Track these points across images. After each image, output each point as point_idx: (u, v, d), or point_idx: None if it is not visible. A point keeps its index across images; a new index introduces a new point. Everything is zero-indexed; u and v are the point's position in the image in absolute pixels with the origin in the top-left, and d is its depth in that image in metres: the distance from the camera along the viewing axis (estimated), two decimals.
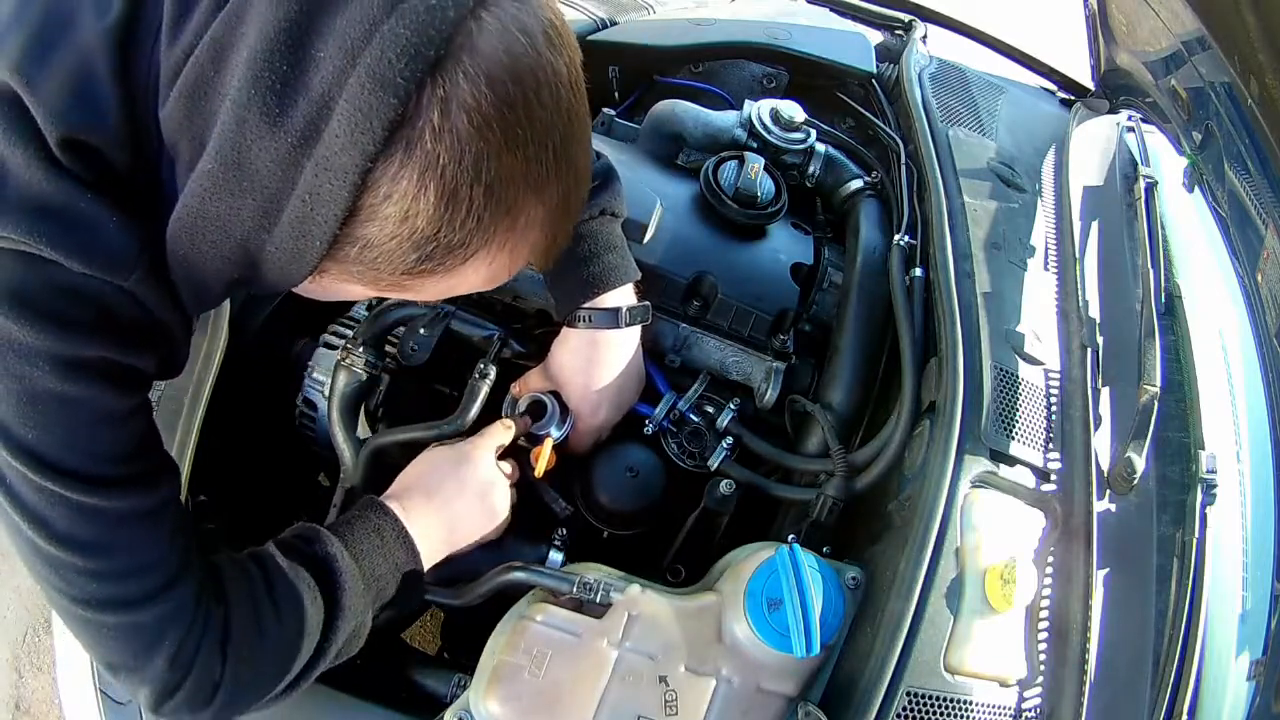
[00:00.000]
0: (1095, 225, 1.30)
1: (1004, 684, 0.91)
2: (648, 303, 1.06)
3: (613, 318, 1.01)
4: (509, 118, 0.56)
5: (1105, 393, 1.08)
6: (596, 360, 1.04)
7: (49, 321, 0.62)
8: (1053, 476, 1.00)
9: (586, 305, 1.02)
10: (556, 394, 1.07)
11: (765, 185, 1.24)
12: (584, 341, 1.03)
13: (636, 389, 1.10)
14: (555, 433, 1.06)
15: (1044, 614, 0.93)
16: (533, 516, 1.08)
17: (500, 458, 1.03)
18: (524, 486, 1.07)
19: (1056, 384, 1.07)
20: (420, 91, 0.53)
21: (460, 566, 1.01)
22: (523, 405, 1.08)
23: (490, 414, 1.07)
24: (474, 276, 0.64)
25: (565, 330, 1.05)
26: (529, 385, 1.09)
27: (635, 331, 1.06)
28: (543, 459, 1.02)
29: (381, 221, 0.57)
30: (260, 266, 0.62)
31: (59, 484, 0.66)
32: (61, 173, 0.60)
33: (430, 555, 0.95)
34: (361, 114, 0.52)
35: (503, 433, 1.03)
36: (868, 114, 1.49)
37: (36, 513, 0.67)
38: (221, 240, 0.60)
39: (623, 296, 1.03)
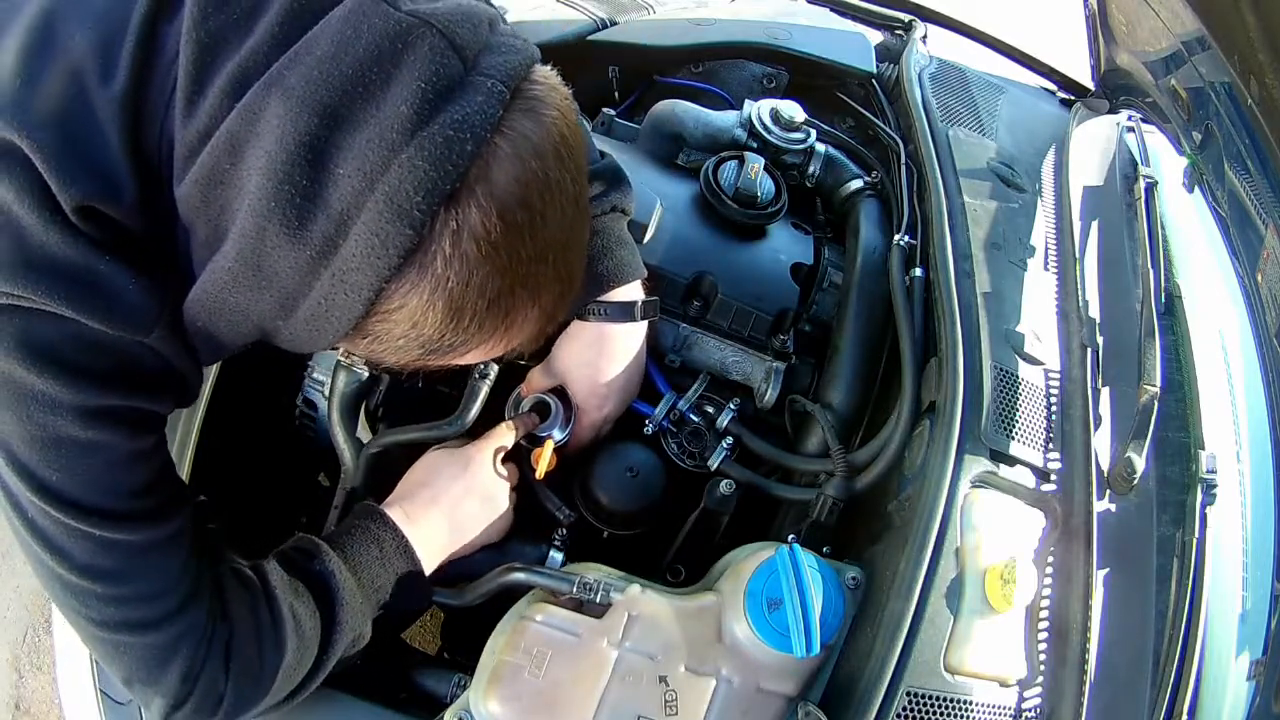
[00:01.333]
0: (1095, 225, 1.30)
1: (1004, 684, 0.91)
2: (657, 298, 1.06)
3: (627, 311, 1.02)
4: (514, 241, 0.59)
5: (1105, 393, 1.08)
6: (605, 353, 1.04)
7: (71, 374, 0.64)
8: (1053, 476, 1.00)
9: (598, 300, 1.02)
10: (560, 395, 1.07)
11: (765, 185, 1.24)
12: (593, 335, 1.03)
13: (639, 385, 1.11)
14: (558, 434, 1.06)
15: (1044, 614, 0.93)
16: (533, 517, 1.08)
17: (503, 462, 1.04)
18: (525, 489, 1.07)
19: (1056, 384, 1.07)
20: (434, 221, 0.55)
21: (460, 567, 1.01)
22: (526, 406, 1.08)
23: (490, 414, 1.07)
24: (468, 359, 0.69)
25: (574, 324, 1.05)
26: (533, 384, 1.09)
27: (644, 327, 1.06)
28: (543, 460, 1.02)
29: (391, 325, 0.61)
30: (276, 339, 0.66)
31: (80, 520, 0.68)
32: (79, 236, 0.61)
33: (433, 559, 0.96)
34: (379, 239, 0.55)
35: (505, 435, 1.04)
36: (868, 114, 1.49)
37: (58, 545, 0.70)
38: (240, 321, 0.64)
39: (632, 292, 1.04)
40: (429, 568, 0.95)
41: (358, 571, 0.89)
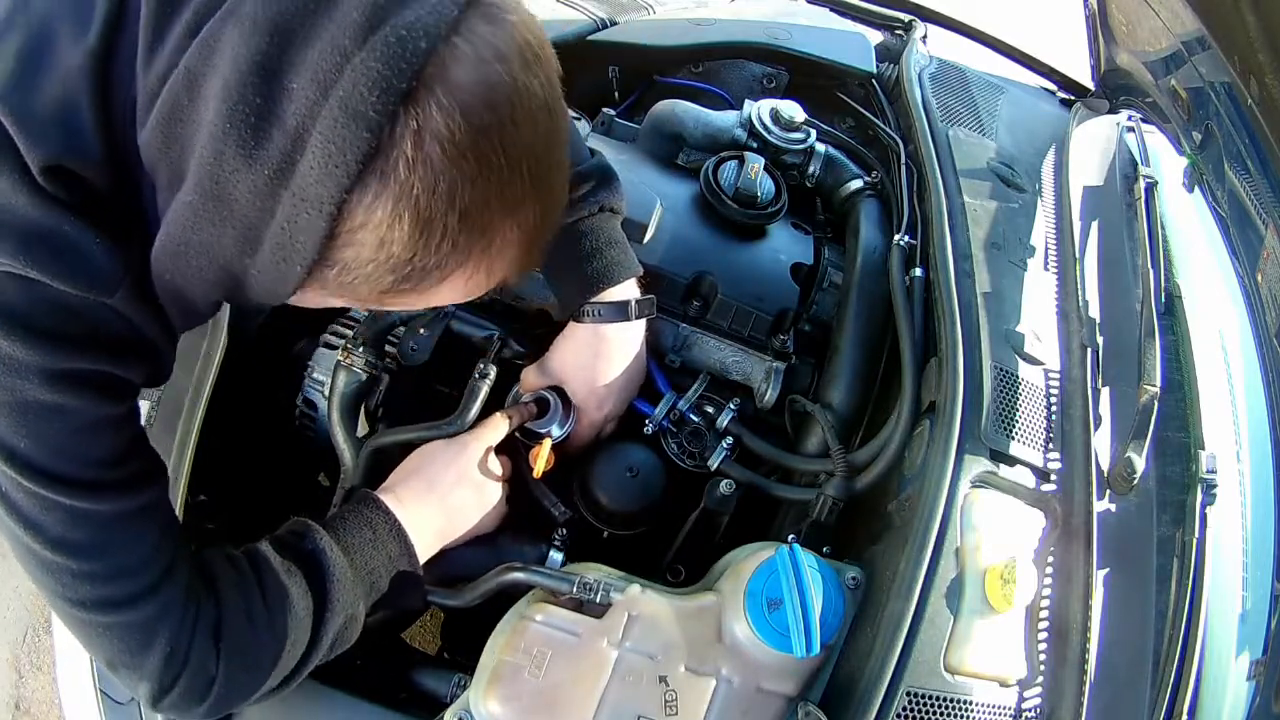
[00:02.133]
0: (1095, 225, 1.30)
1: (1004, 684, 0.91)
2: (653, 296, 1.06)
3: (621, 311, 1.02)
4: (483, 145, 0.56)
5: (1105, 393, 1.08)
6: (602, 354, 1.04)
7: (37, 336, 0.64)
8: (1053, 476, 1.00)
9: (593, 300, 1.02)
10: (560, 393, 1.07)
11: (765, 185, 1.24)
12: (589, 336, 1.03)
13: (639, 383, 1.10)
14: (556, 431, 1.06)
15: (1044, 614, 0.93)
16: (533, 517, 1.08)
17: (497, 455, 1.04)
18: (522, 487, 1.07)
19: (1056, 384, 1.07)
20: (393, 123, 0.53)
21: (460, 567, 1.01)
22: (526, 402, 1.08)
23: (490, 413, 1.07)
24: (449, 293, 0.65)
25: (570, 325, 1.05)
26: (528, 385, 1.09)
27: (640, 326, 1.06)
28: (541, 458, 1.02)
29: (358, 247, 0.57)
30: (244, 287, 0.63)
31: (51, 489, 0.68)
32: (46, 198, 0.61)
33: (426, 547, 0.96)
34: (335, 147, 0.53)
35: (500, 424, 1.04)
36: (868, 114, 1.49)
37: (30, 518, 0.69)
38: (205, 266, 0.62)
39: (627, 291, 1.04)
40: (422, 554, 0.95)
41: (350, 552, 0.88)
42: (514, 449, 1.07)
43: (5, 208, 0.61)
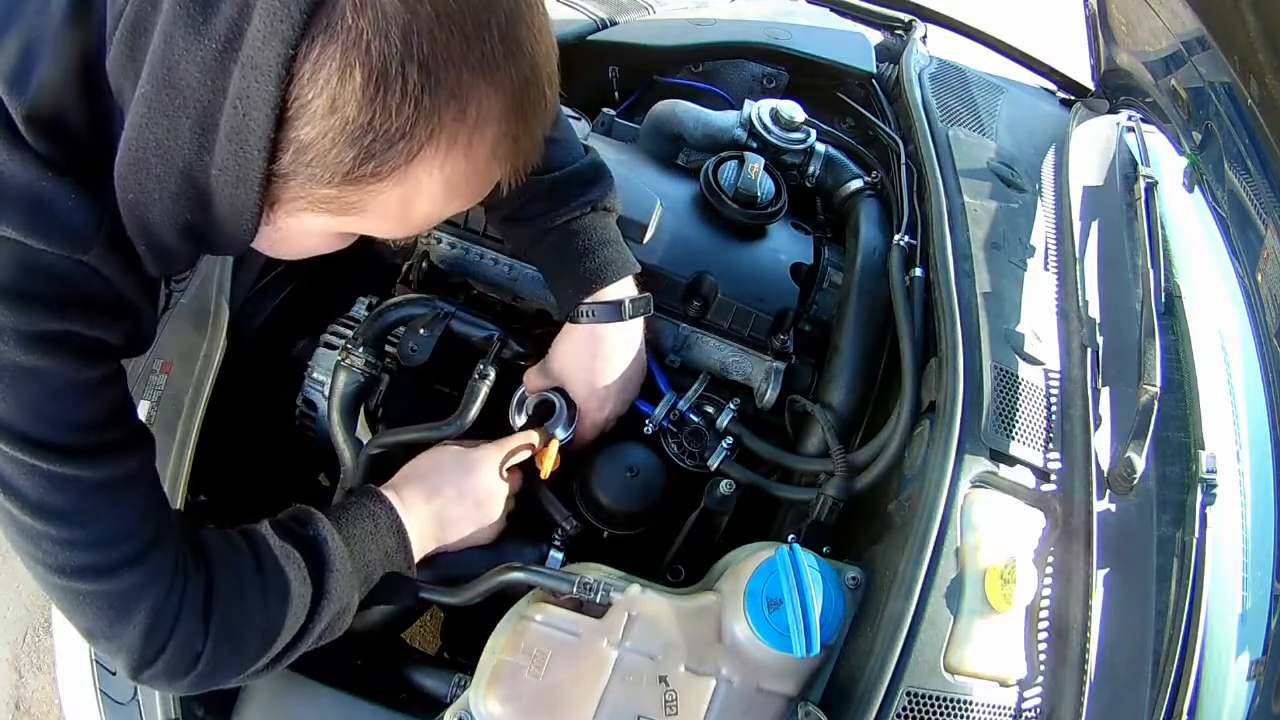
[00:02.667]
0: (1095, 225, 1.30)
1: (1004, 684, 0.91)
2: (649, 294, 1.06)
3: (615, 311, 1.02)
4: None
5: (1105, 393, 1.08)
6: (601, 355, 1.04)
7: (12, 298, 0.63)
8: (1053, 476, 1.00)
9: (587, 300, 1.02)
10: (563, 393, 1.07)
11: (765, 185, 1.24)
12: (587, 336, 1.03)
13: (640, 381, 1.10)
14: (561, 434, 1.06)
15: (1044, 614, 0.93)
16: (534, 519, 1.08)
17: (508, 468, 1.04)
18: (527, 490, 1.07)
19: (1056, 384, 1.06)
20: None
21: (460, 566, 1.01)
22: (531, 404, 1.08)
23: (490, 414, 1.07)
24: (430, 184, 0.60)
25: (567, 326, 1.05)
26: (531, 385, 1.09)
27: (638, 324, 1.06)
28: (548, 459, 1.02)
29: (311, 117, 0.54)
30: (210, 201, 0.61)
31: (30, 454, 0.67)
32: (25, 153, 0.61)
33: (419, 550, 0.96)
34: (279, 3, 0.51)
35: (520, 444, 1.03)
36: (868, 114, 1.49)
37: (10, 483, 0.68)
38: (166, 172, 0.60)
39: (623, 289, 1.04)
40: (415, 556, 0.95)
41: (350, 543, 0.88)
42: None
43: None
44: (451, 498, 0.98)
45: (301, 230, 0.67)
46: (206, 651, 0.77)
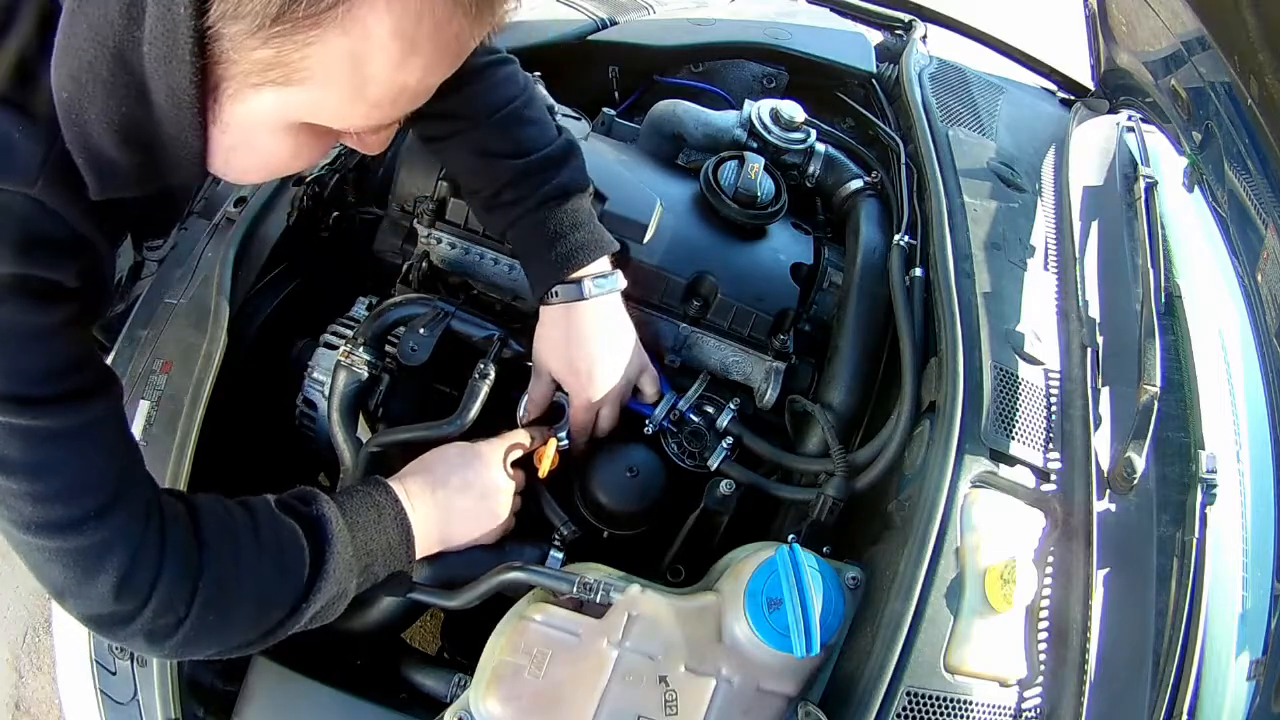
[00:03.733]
0: (1095, 225, 1.30)
1: (1004, 684, 0.91)
2: (618, 271, 1.06)
3: (577, 289, 1.02)
4: None
5: (1105, 393, 1.08)
6: (573, 332, 1.03)
7: None
8: (1053, 476, 1.00)
9: (557, 284, 1.02)
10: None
11: (765, 185, 1.24)
12: (558, 316, 1.03)
13: (626, 362, 1.07)
14: (561, 434, 1.06)
15: (1044, 614, 0.93)
16: (533, 518, 1.08)
17: (513, 468, 1.04)
18: (529, 492, 1.07)
19: (1056, 384, 1.07)
20: None
21: (460, 567, 1.01)
22: (535, 410, 1.08)
23: (490, 414, 1.07)
24: (379, 30, 0.56)
25: (542, 311, 1.05)
26: (532, 395, 1.09)
27: (610, 301, 1.05)
28: (546, 459, 1.02)
29: None
30: (146, 88, 0.59)
31: None
32: None
33: (423, 546, 0.95)
34: None
35: (522, 438, 1.04)
36: (868, 114, 1.49)
37: None
38: (98, 56, 0.57)
39: (598, 269, 1.03)
40: (420, 552, 0.95)
41: (354, 529, 0.87)
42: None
43: None
44: (456, 490, 0.97)
45: (252, 126, 0.63)
46: (192, 615, 0.74)
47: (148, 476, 0.77)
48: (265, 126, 0.64)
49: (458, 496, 0.98)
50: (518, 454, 1.03)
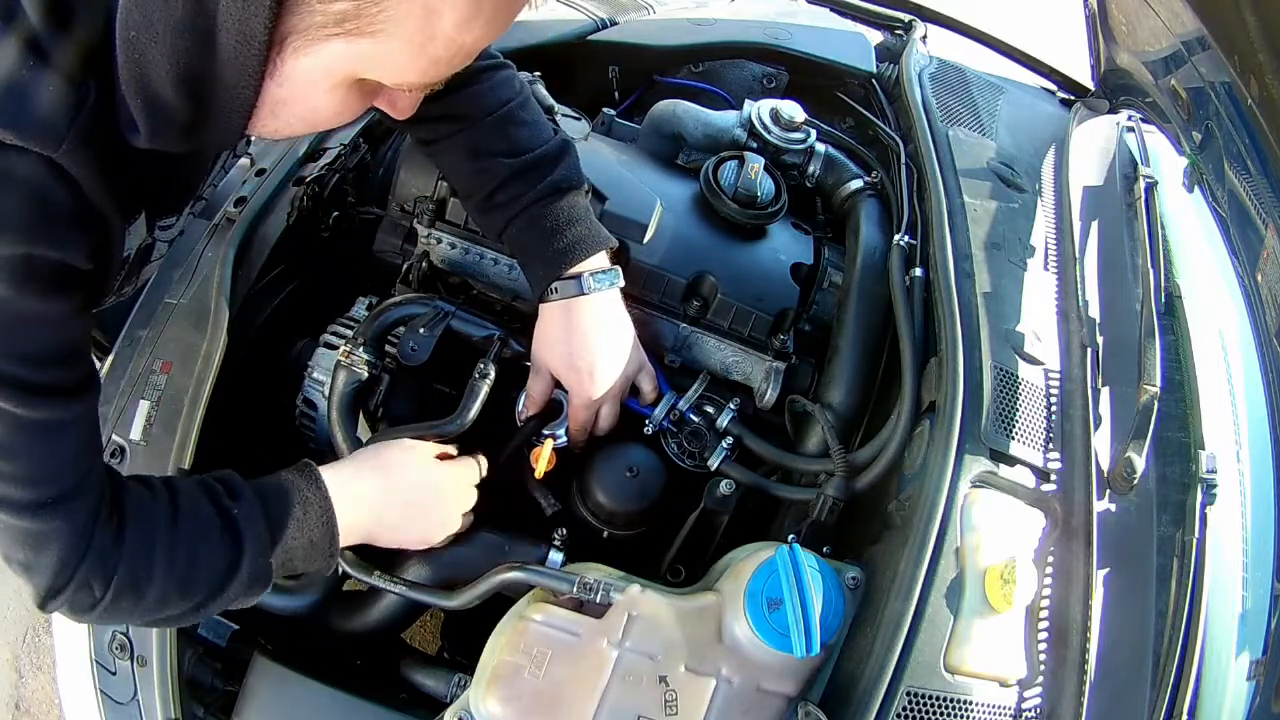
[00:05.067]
0: (1095, 225, 1.30)
1: (1004, 684, 0.91)
2: (617, 267, 1.06)
3: (576, 285, 1.02)
4: None
5: (1105, 393, 1.08)
6: (571, 328, 1.03)
7: None
8: (1053, 476, 1.00)
9: (556, 280, 1.02)
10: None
11: (765, 185, 1.24)
12: (558, 313, 1.03)
13: (625, 359, 1.06)
14: (559, 432, 1.06)
15: (1044, 614, 0.93)
16: (533, 517, 1.08)
17: (505, 461, 1.03)
18: (518, 486, 1.07)
19: (1056, 384, 1.07)
20: None
21: (460, 567, 1.01)
22: (534, 407, 1.08)
23: (490, 414, 1.07)
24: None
25: (540, 308, 1.05)
26: (530, 388, 1.09)
27: (609, 296, 1.04)
28: (543, 459, 1.02)
29: None
30: (214, 37, 0.59)
31: None
32: (6, 39, 0.58)
33: (347, 539, 0.92)
34: None
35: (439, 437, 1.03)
36: (868, 114, 1.49)
37: None
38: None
39: (596, 264, 1.03)
40: (347, 534, 0.91)
41: (274, 529, 0.86)
42: (517, 451, 1.08)
43: None
44: (397, 488, 0.96)
45: (310, 80, 0.64)
46: (105, 599, 0.77)
47: (102, 471, 0.79)
48: (323, 81, 0.65)
49: (396, 494, 0.96)
50: (446, 448, 1.02)
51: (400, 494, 0.96)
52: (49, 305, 0.67)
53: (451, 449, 1.03)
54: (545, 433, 1.07)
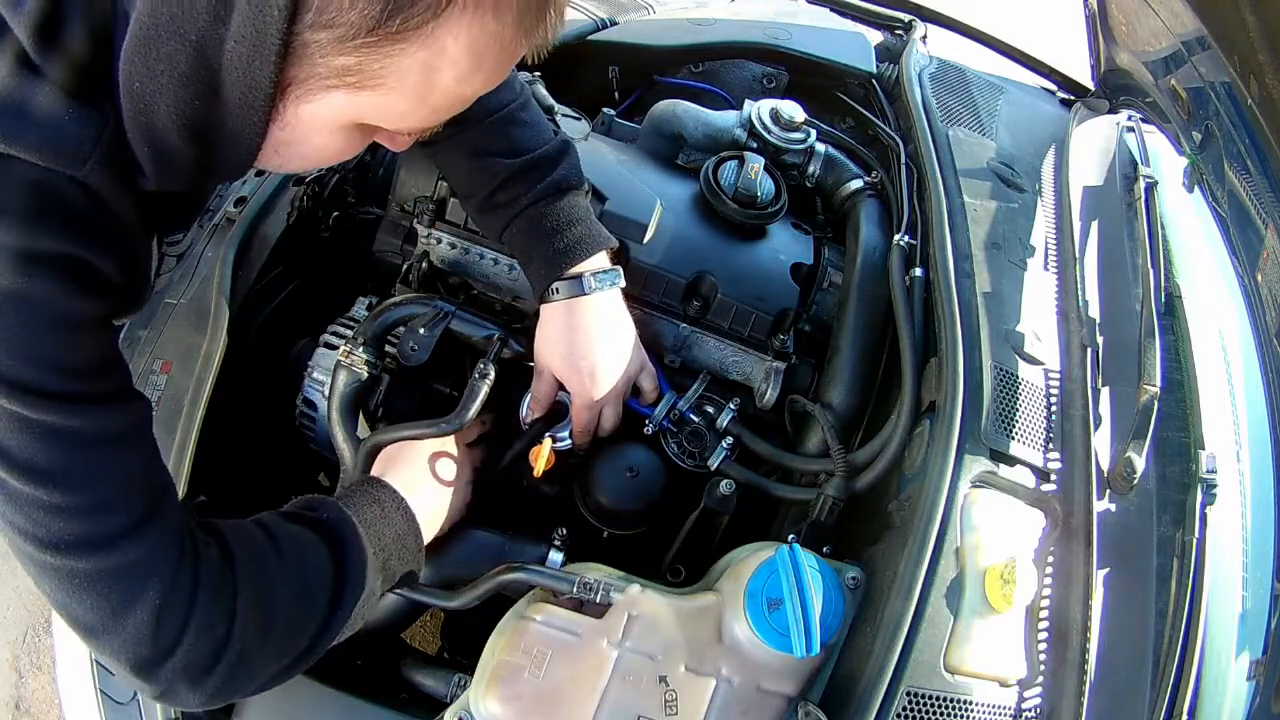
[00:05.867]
0: (1095, 225, 1.30)
1: (1004, 684, 0.91)
2: (618, 267, 1.06)
3: (578, 284, 1.02)
4: None
5: (1105, 393, 1.08)
6: (573, 328, 1.03)
7: (3, 214, 0.60)
8: (1053, 476, 1.00)
9: (557, 280, 1.02)
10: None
11: (765, 185, 1.24)
12: (558, 313, 1.03)
13: (627, 360, 1.07)
14: (562, 434, 1.06)
15: (1044, 614, 0.93)
16: (533, 517, 1.08)
17: (505, 462, 1.04)
18: (520, 487, 1.07)
19: (1056, 384, 1.07)
20: None
21: (460, 567, 1.01)
22: (539, 409, 1.08)
23: (490, 414, 1.07)
24: (455, 47, 0.59)
25: (542, 309, 1.05)
26: (536, 389, 1.09)
27: (610, 296, 1.05)
28: (541, 459, 1.02)
29: None
30: (220, 85, 0.59)
31: (18, 402, 0.62)
32: (23, 67, 0.59)
33: (426, 533, 0.96)
34: None
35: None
36: (868, 114, 1.49)
37: None
38: (177, 49, 0.58)
39: (596, 264, 1.04)
40: (425, 532, 0.95)
41: (364, 524, 0.87)
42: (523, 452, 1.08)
43: None
44: (431, 475, 0.99)
45: (313, 125, 0.65)
46: (234, 639, 0.70)
47: (175, 493, 0.75)
48: (326, 125, 0.66)
49: (433, 480, 0.99)
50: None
51: (426, 480, 0.99)
52: (85, 308, 0.65)
53: (452, 448, 1.03)
54: (550, 434, 1.07)
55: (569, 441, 1.08)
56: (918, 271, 1.15)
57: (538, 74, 1.26)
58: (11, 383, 0.61)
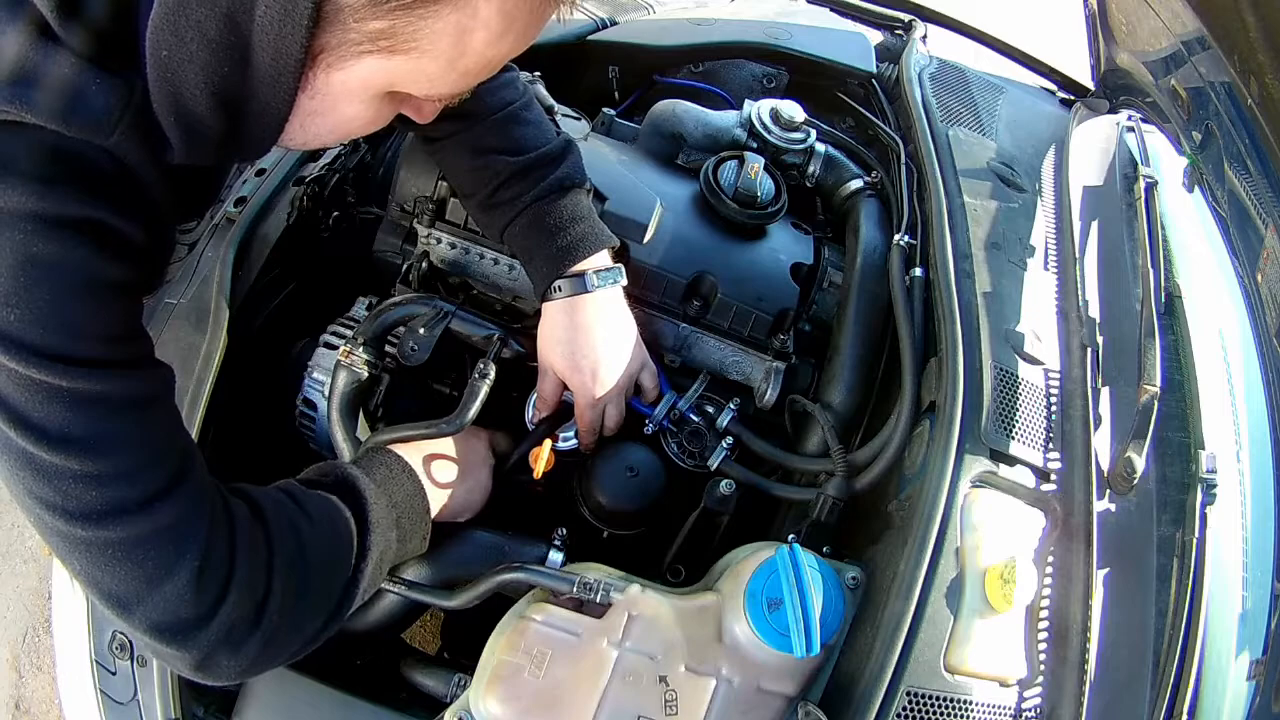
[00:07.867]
0: (1095, 225, 1.30)
1: (1004, 684, 0.91)
2: (620, 265, 1.06)
3: (580, 282, 1.02)
4: None
5: (1105, 393, 1.08)
6: (575, 327, 1.03)
7: (33, 180, 0.60)
8: (1053, 476, 1.00)
9: (558, 278, 1.02)
10: None
11: (765, 185, 1.24)
12: (560, 311, 1.03)
13: (628, 358, 1.07)
14: (567, 434, 1.06)
15: (1044, 614, 0.93)
16: (533, 517, 1.08)
17: (510, 463, 1.04)
18: (521, 488, 1.07)
19: (1056, 384, 1.07)
20: None
21: (460, 566, 1.01)
22: (545, 408, 1.09)
23: (490, 414, 1.07)
24: (487, 9, 0.59)
25: (544, 307, 1.05)
26: (541, 390, 1.09)
27: (612, 294, 1.05)
28: (541, 459, 1.02)
29: None
30: (249, 52, 0.59)
31: (45, 371, 0.61)
32: (47, 39, 0.58)
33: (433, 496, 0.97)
34: None
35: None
36: (868, 114, 1.49)
37: (24, 413, 0.62)
38: (207, 15, 0.57)
39: (598, 263, 1.04)
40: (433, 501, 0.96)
41: (377, 483, 0.89)
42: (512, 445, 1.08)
43: (10, 55, 0.58)
44: (439, 458, 1.00)
45: (343, 92, 0.64)
46: (273, 597, 0.70)
47: (203, 460, 0.74)
48: (355, 93, 0.65)
49: (442, 461, 1.00)
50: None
51: (437, 463, 1.00)
52: (111, 273, 0.64)
53: (451, 449, 1.04)
54: (561, 436, 1.08)
55: (574, 441, 1.09)
56: (918, 271, 1.15)
57: (538, 74, 1.26)
58: (38, 350, 0.61)
